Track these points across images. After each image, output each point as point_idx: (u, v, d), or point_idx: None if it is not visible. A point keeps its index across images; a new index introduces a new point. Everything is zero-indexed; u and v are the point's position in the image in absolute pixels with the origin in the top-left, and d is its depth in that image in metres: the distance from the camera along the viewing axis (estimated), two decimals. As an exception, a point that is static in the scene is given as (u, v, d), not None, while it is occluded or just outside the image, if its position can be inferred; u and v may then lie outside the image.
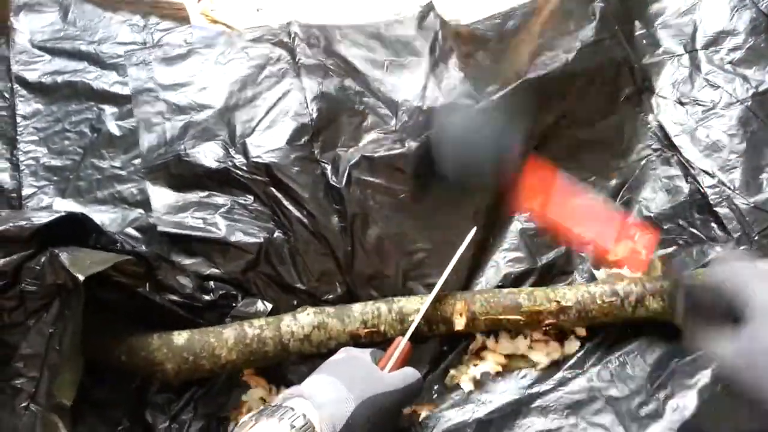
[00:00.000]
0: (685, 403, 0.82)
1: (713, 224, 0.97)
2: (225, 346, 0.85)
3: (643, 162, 1.04)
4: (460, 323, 0.88)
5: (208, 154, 0.99)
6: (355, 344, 0.87)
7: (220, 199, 0.98)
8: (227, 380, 0.90)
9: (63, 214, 0.82)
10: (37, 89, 1.09)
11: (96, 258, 0.81)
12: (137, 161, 1.02)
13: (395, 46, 1.12)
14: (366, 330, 0.87)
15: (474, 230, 0.90)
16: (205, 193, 0.98)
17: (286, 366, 0.91)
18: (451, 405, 0.87)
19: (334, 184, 0.97)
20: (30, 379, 0.76)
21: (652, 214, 1.00)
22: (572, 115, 1.06)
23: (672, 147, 1.03)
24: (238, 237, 0.94)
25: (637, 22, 1.13)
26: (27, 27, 1.15)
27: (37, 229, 0.79)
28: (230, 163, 0.98)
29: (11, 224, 0.78)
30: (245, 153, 0.98)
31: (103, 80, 1.10)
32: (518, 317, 0.88)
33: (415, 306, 0.88)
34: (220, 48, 1.11)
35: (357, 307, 0.89)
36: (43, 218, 0.80)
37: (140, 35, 1.16)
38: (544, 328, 0.90)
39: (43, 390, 0.75)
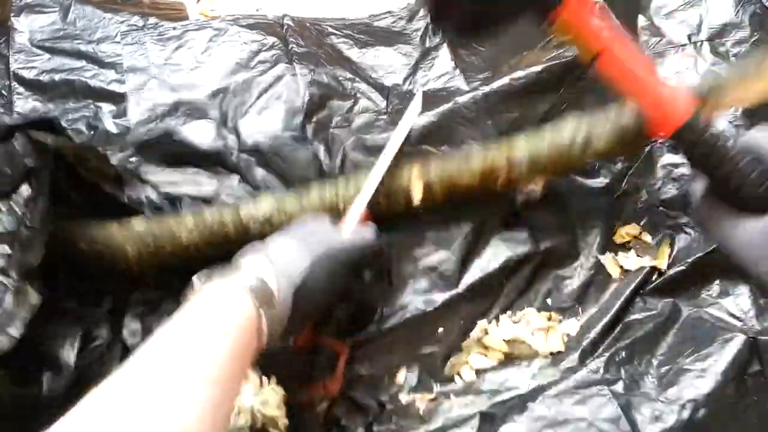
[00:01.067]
0: (695, 405, 0.80)
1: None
2: (185, 229, 0.85)
3: (648, 148, 1.02)
4: (417, 191, 0.87)
5: (199, 133, 0.99)
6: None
7: (204, 177, 0.97)
8: None
9: (35, 116, 0.84)
10: (34, 87, 1.09)
11: (66, 141, 0.83)
12: (135, 159, 1.00)
13: (386, 37, 1.15)
14: (325, 208, 0.87)
15: (421, 92, 0.95)
16: (194, 169, 0.98)
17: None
18: (452, 396, 0.84)
19: (326, 168, 0.97)
20: (2, 255, 0.76)
21: (659, 200, 0.99)
22: (573, 105, 1.03)
23: None
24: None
25: (641, 15, 1.12)
26: (27, 27, 1.16)
27: (9, 127, 0.80)
28: (221, 143, 0.97)
29: None
30: (237, 133, 0.98)
31: (101, 78, 1.10)
32: (473, 177, 0.88)
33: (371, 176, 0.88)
34: (213, 31, 1.12)
35: (315, 187, 0.89)
36: (17, 120, 0.81)
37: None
38: (499, 187, 0.89)
39: (14, 263, 0.75)
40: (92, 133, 1.04)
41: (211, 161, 0.97)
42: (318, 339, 0.83)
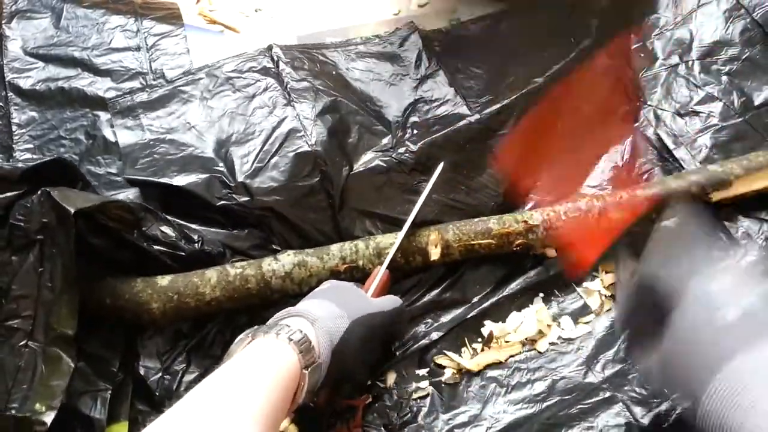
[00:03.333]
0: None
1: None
2: (208, 284, 0.88)
3: (646, 176, 1.02)
4: (435, 253, 0.92)
5: (206, 191, 0.96)
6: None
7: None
8: (219, 332, 0.92)
9: (52, 157, 0.87)
10: (31, 97, 1.09)
11: (86, 197, 0.84)
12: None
13: (380, 63, 1.12)
14: (345, 266, 0.91)
15: (442, 164, 0.94)
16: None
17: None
18: (462, 424, 0.86)
19: (342, 226, 0.96)
20: (24, 318, 0.78)
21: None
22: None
23: (673, 159, 1.02)
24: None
25: (633, 36, 1.12)
26: (19, 34, 1.15)
27: (28, 170, 0.82)
28: (231, 198, 0.95)
29: (3, 165, 0.84)
30: (246, 187, 0.96)
31: (97, 86, 1.10)
32: (490, 241, 0.93)
33: (391, 240, 0.92)
34: (204, 83, 1.09)
35: (335, 246, 0.92)
36: (34, 161, 0.84)
37: (134, 41, 1.15)
38: (515, 249, 0.93)
39: (40, 327, 0.77)
40: (91, 141, 1.05)
41: (222, 216, 0.96)
42: (337, 398, 0.85)
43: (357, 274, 0.91)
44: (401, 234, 0.91)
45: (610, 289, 0.95)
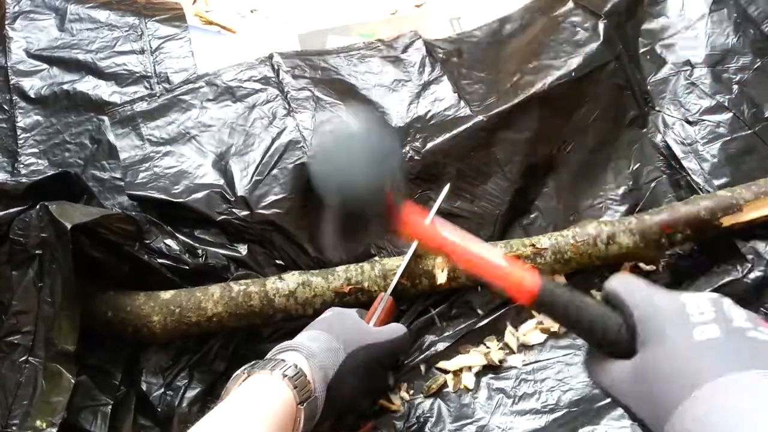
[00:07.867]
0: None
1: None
2: (211, 299, 0.87)
3: (653, 184, 1.02)
4: (441, 277, 0.91)
5: (207, 206, 0.95)
6: (340, 302, 0.89)
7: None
8: (222, 347, 0.92)
9: (57, 171, 0.88)
10: (36, 101, 1.08)
11: (85, 211, 0.84)
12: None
13: (381, 68, 1.10)
14: (350, 287, 0.90)
15: (448, 186, 0.94)
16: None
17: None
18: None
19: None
20: (25, 333, 0.78)
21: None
22: (578, 140, 1.05)
23: (681, 168, 1.01)
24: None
25: (641, 39, 1.11)
26: (23, 35, 1.14)
27: (32, 185, 0.83)
28: (231, 214, 0.94)
29: (8, 180, 0.86)
30: (246, 202, 0.95)
31: (102, 90, 1.09)
32: None
33: (397, 263, 0.91)
34: (203, 92, 1.07)
35: (341, 267, 0.92)
36: (37, 176, 0.86)
37: (138, 43, 1.15)
38: None
39: (40, 342, 0.78)
40: (96, 146, 1.04)
41: (223, 231, 0.96)
42: (341, 429, 0.84)
43: (362, 297, 0.90)
44: (406, 259, 0.90)
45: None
